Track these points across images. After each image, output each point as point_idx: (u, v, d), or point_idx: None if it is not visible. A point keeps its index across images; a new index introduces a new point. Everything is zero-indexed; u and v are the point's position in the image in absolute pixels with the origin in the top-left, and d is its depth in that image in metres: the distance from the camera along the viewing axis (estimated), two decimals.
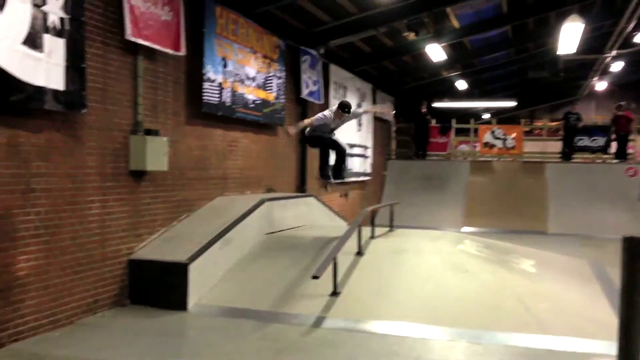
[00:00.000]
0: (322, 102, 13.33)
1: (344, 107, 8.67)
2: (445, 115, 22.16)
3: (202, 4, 8.70)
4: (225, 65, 9.35)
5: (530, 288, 7.34)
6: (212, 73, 8.99)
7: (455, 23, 14.49)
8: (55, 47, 5.95)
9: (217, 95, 9.12)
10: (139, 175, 7.46)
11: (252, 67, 10.24)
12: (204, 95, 8.77)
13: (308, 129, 8.85)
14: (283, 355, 5.49)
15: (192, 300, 6.97)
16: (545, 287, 7.57)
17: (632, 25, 14.93)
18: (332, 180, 9.11)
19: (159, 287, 7.09)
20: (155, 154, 7.45)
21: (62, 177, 6.25)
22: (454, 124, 20.32)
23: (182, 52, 8.09)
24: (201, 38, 8.72)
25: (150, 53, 7.65)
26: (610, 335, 4.83)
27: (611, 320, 5.64)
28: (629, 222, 14.81)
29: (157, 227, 7.82)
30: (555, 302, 6.93)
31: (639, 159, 19.59)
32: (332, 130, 8.96)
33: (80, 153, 6.51)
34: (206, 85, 8.82)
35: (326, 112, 8.84)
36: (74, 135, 6.42)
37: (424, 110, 19.05)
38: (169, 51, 7.87)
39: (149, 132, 7.47)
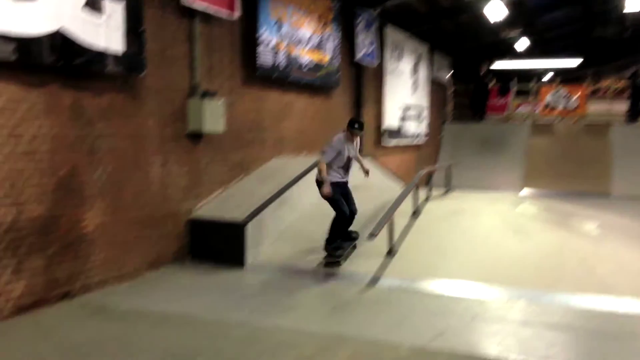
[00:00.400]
0: (377, 62, 13.15)
1: (353, 124, 7.06)
2: (505, 77, 21.46)
3: None
4: (279, 28, 9.32)
5: (592, 250, 7.14)
6: (267, 35, 8.97)
7: None
8: (114, 11, 6.06)
9: (271, 58, 9.12)
10: (197, 137, 7.59)
11: (307, 29, 10.16)
12: (258, 58, 8.79)
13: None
14: (339, 311, 5.57)
15: (249, 257, 7.13)
16: (609, 249, 7.33)
17: None
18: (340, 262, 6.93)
19: (217, 245, 7.28)
20: (213, 116, 7.56)
21: (124, 138, 6.43)
22: (514, 84, 19.68)
23: (237, 14, 8.09)
24: (255, 0, 8.69)
25: (205, 16, 7.68)
26: None
27: None
28: None
29: (215, 187, 7.99)
30: (619, 264, 6.71)
31: None
32: (348, 163, 7.11)
33: (140, 115, 6.67)
34: (261, 48, 8.83)
35: (334, 140, 7.03)
36: (134, 97, 6.58)
37: (484, 71, 18.50)
38: (224, 14, 7.89)
39: (205, 94, 7.57)
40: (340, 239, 7.04)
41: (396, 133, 14.99)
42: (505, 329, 5.04)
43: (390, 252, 6.96)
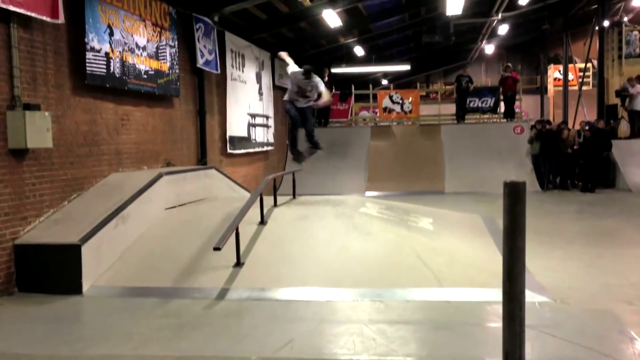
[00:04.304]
0: (218, 71, 12.99)
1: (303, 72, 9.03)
2: (345, 82, 22.36)
3: None
4: (111, 34, 8.83)
5: (428, 244, 7.61)
6: (97, 42, 8.46)
7: None
8: None
9: (104, 66, 8.61)
10: (20, 153, 6.92)
11: (142, 36, 9.74)
12: (88, 66, 8.25)
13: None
14: (186, 330, 5.35)
15: (87, 282, 6.62)
16: (442, 243, 7.88)
17: None
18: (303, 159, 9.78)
19: (49, 271, 6.66)
20: (37, 130, 6.94)
21: None
22: (354, 90, 20.57)
23: (61, 19, 7.51)
24: (82, 4, 8.16)
25: (24, 21, 7.05)
26: (501, 283, 5.12)
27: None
28: (517, 176, 15.74)
29: (45, 208, 7.33)
30: (451, 255, 7.23)
31: (525, 118, 20.83)
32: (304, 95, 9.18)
33: None
34: (90, 55, 8.30)
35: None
36: None
37: (326, 78, 19.06)
38: (46, 19, 7.29)
39: (28, 106, 6.93)
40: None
41: (244, 141, 14.94)
42: (351, 329, 5.17)
43: (238, 263, 6.86)
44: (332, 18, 15.26)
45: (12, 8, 6.66)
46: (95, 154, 8.52)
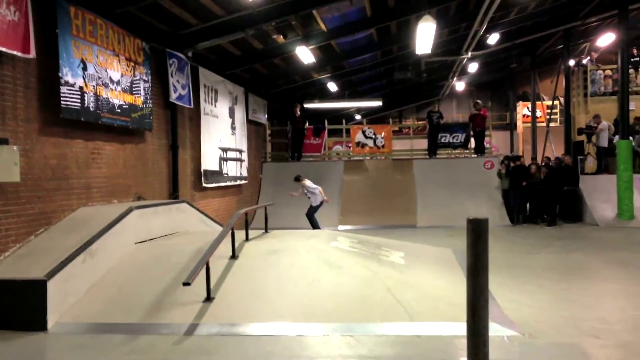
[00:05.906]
0: (191, 106, 13.03)
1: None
2: (318, 117, 22.58)
3: (54, 3, 8.16)
4: (85, 68, 8.85)
5: (399, 278, 7.64)
6: (71, 76, 8.47)
7: (323, 26, 14.80)
8: None
9: (78, 100, 8.60)
10: None
11: (116, 70, 9.77)
12: (62, 100, 8.25)
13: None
14: None
15: (53, 319, 6.47)
16: (413, 277, 7.91)
17: (483, 28, 16.12)
18: None
19: (13, 307, 6.47)
20: (5, 165, 6.87)
21: None
22: (327, 125, 20.78)
23: (32, 54, 7.53)
24: (55, 39, 8.18)
25: None
26: None
27: None
28: (488, 210, 16.04)
29: (11, 243, 7.21)
30: (422, 289, 7.26)
31: (494, 153, 21.24)
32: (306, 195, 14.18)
33: None
34: (64, 89, 8.30)
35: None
36: None
37: (298, 113, 19.26)
38: (17, 54, 7.29)
39: None
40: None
41: (216, 175, 14.91)
42: None
43: (208, 298, 6.79)
44: (305, 55, 15.50)
45: None
46: (64, 188, 8.43)
